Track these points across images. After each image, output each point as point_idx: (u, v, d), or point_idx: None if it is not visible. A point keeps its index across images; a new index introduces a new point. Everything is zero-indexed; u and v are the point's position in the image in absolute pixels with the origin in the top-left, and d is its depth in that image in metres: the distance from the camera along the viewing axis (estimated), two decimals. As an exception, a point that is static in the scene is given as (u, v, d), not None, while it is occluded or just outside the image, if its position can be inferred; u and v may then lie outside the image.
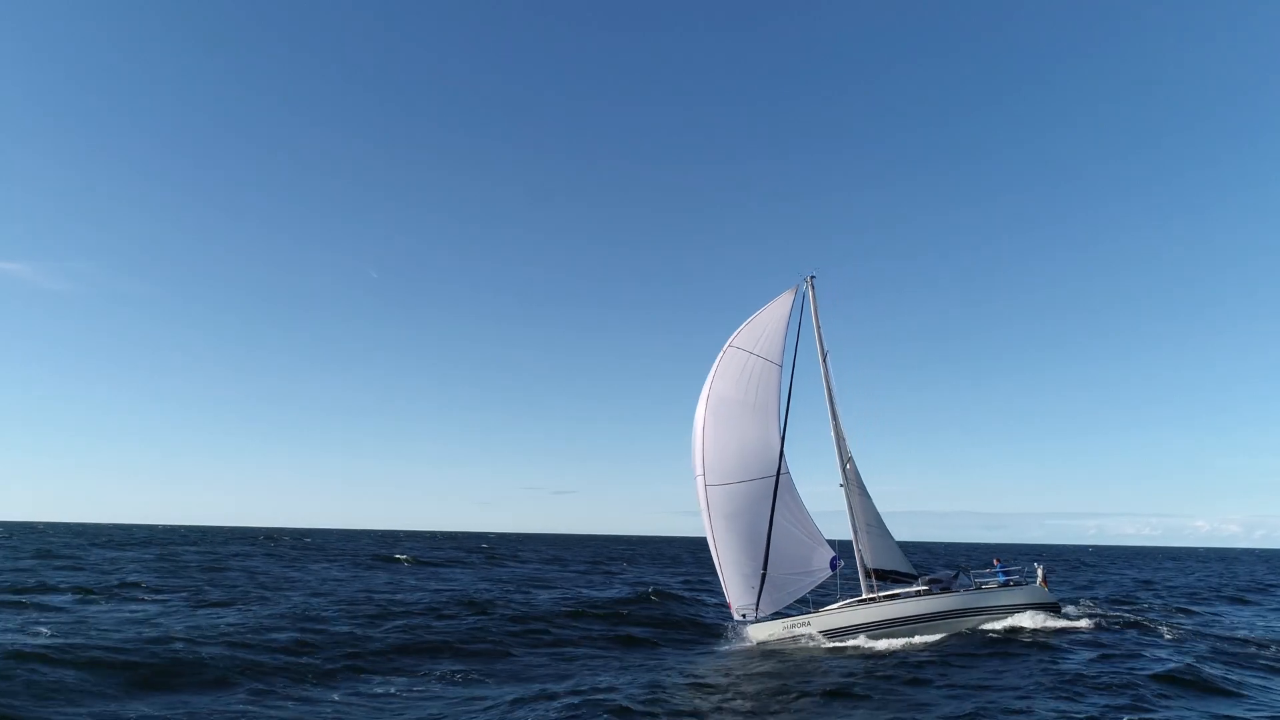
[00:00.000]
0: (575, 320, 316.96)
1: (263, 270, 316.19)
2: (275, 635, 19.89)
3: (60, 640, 17.36)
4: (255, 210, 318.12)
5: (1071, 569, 65.58)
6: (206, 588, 33.38)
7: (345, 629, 21.80)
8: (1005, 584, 23.61)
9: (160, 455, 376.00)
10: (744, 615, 23.22)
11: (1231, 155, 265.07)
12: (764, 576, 22.87)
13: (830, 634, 22.49)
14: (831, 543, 24.32)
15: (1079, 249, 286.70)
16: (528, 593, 35.22)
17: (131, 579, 35.92)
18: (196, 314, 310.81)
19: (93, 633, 19.26)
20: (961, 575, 24.09)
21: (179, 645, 17.46)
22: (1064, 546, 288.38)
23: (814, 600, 23.83)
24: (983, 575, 24.27)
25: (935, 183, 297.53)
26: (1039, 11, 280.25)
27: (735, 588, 23.39)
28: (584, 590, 37.66)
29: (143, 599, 28.91)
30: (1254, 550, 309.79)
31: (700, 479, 23.66)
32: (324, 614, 24.74)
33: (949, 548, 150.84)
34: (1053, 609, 23.04)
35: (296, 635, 20.10)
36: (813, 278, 26.40)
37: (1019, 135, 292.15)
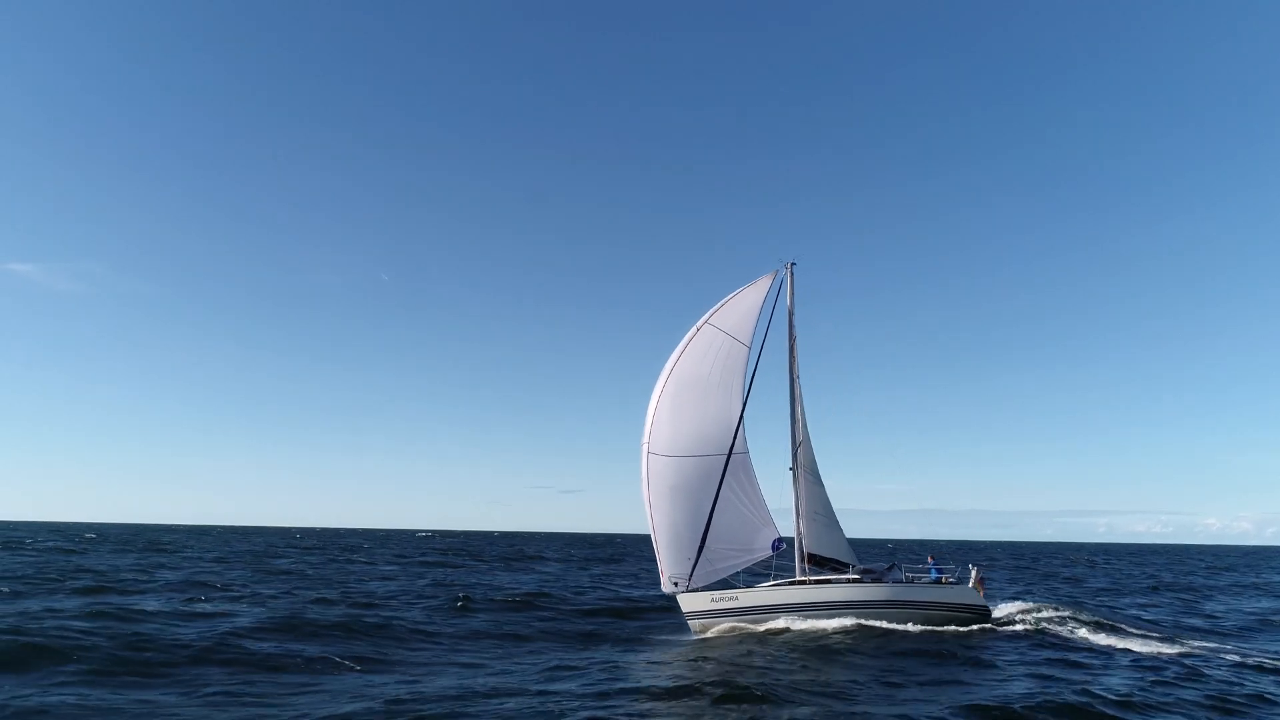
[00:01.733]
0: (581, 320, 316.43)
1: (271, 272, 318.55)
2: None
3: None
4: (262, 212, 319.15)
5: (1065, 565, 65.48)
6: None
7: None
8: (936, 581, 24.34)
9: (166, 455, 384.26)
10: (675, 584, 24.15)
11: (1245, 148, 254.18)
12: (701, 548, 23.74)
13: (756, 610, 23.42)
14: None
15: (1089, 245, 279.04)
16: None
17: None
18: (204, 315, 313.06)
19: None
20: (895, 569, 24.86)
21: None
22: (1074, 544, 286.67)
23: (746, 581, 24.68)
24: (916, 570, 25.02)
25: (939, 180, 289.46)
26: (1040, 10, 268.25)
27: (669, 557, 24.21)
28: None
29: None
30: (1265, 548, 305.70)
31: (644, 447, 24.37)
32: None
33: (959, 546, 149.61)
34: (980, 612, 23.72)
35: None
36: (793, 265, 26.73)
37: (1032, 131, 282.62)
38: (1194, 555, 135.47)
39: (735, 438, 24.26)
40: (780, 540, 24.81)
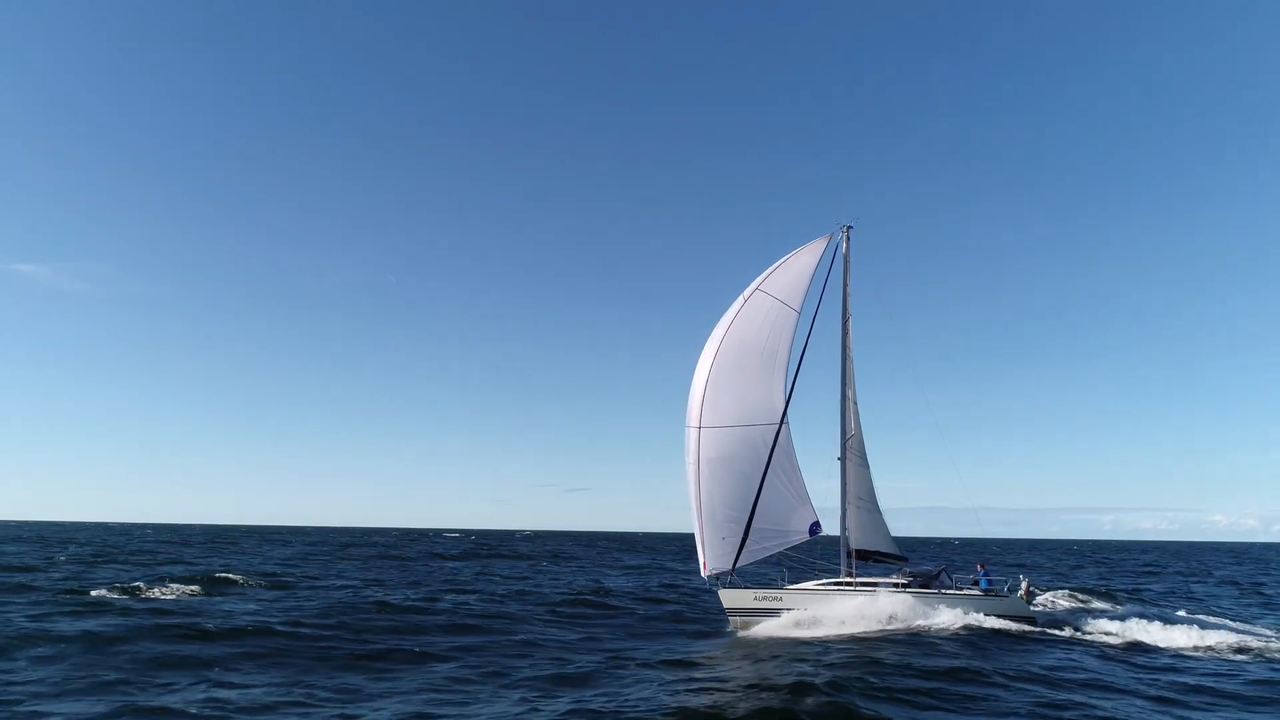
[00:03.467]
0: (586, 319, 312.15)
1: (277, 273, 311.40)
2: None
3: None
4: (268, 213, 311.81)
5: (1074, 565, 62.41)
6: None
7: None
8: (987, 591, 22.08)
9: (173, 454, 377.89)
10: (716, 578, 21.94)
11: (1252, 146, 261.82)
12: (749, 527, 21.47)
13: (807, 615, 21.13)
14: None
15: (1097, 241, 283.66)
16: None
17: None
18: (211, 316, 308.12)
19: None
20: (944, 575, 22.57)
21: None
22: (1080, 541, 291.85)
23: (790, 576, 22.43)
24: (965, 581, 22.78)
25: (943, 176, 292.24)
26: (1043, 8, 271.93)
27: (711, 543, 22.04)
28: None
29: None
30: (1274, 544, 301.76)
31: (694, 430, 22.10)
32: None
33: (966, 544, 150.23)
34: (1030, 623, 21.60)
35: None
36: (849, 228, 24.13)
37: (1035, 129, 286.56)
38: (1201, 550, 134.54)
39: (786, 406, 22.00)
40: (818, 524, 22.70)
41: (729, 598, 22.05)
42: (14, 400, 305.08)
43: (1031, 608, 22.24)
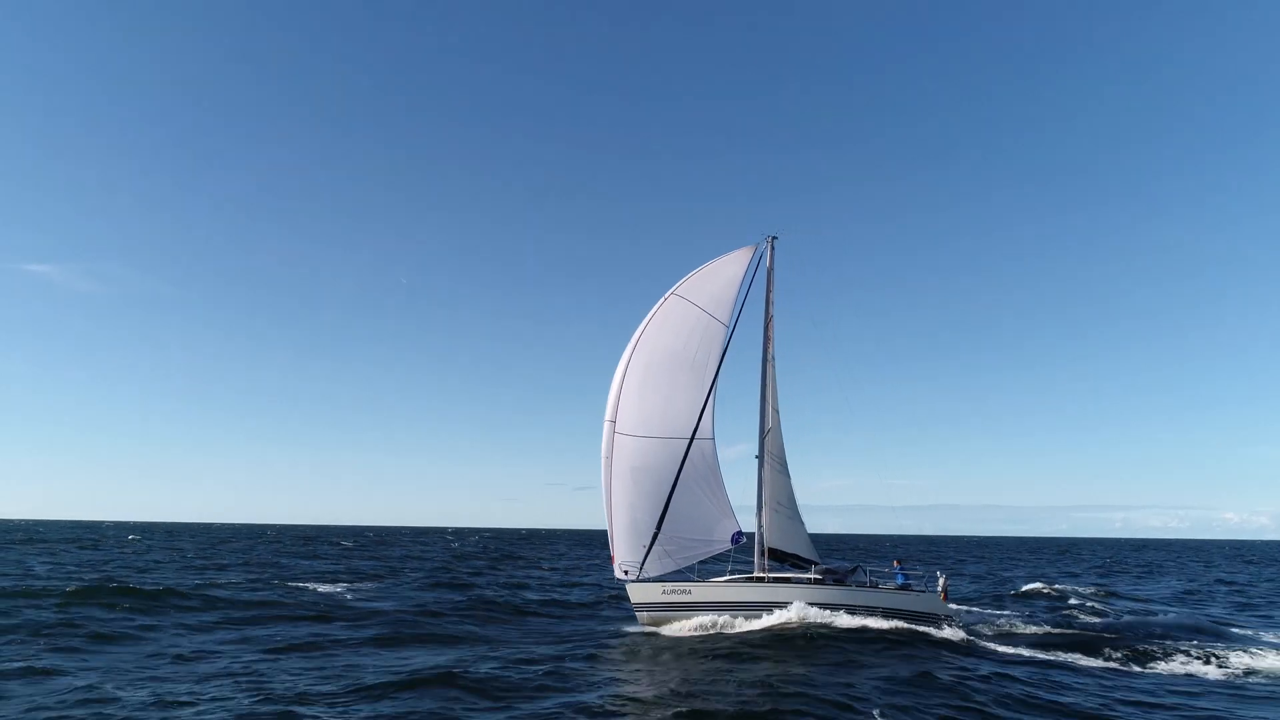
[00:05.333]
0: (592, 317, 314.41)
1: (286, 273, 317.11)
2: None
3: None
4: (280, 213, 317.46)
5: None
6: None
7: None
8: (903, 587, 22.75)
9: (179, 453, 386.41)
10: (626, 572, 22.50)
11: (1263, 141, 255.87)
12: (656, 535, 22.08)
13: (709, 605, 21.78)
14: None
15: (1107, 239, 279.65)
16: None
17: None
18: (221, 316, 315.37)
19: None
20: (858, 570, 23.27)
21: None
22: (1089, 540, 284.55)
23: (701, 575, 23.08)
24: (881, 575, 23.45)
25: (948, 171, 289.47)
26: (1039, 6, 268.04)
27: (624, 543, 22.62)
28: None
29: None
30: None
31: (610, 424, 22.66)
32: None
33: (976, 542, 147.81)
34: (948, 621, 22.20)
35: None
36: (774, 239, 24.95)
37: (1039, 125, 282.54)
38: (1208, 548, 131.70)
39: (700, 421, 22.54)
40: (740, 534, 23.24)
41: (637, 592, 22.52)
42: (17, 399, 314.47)
43: (950, 606, 22.85)
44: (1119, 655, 18.86)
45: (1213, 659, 18.44)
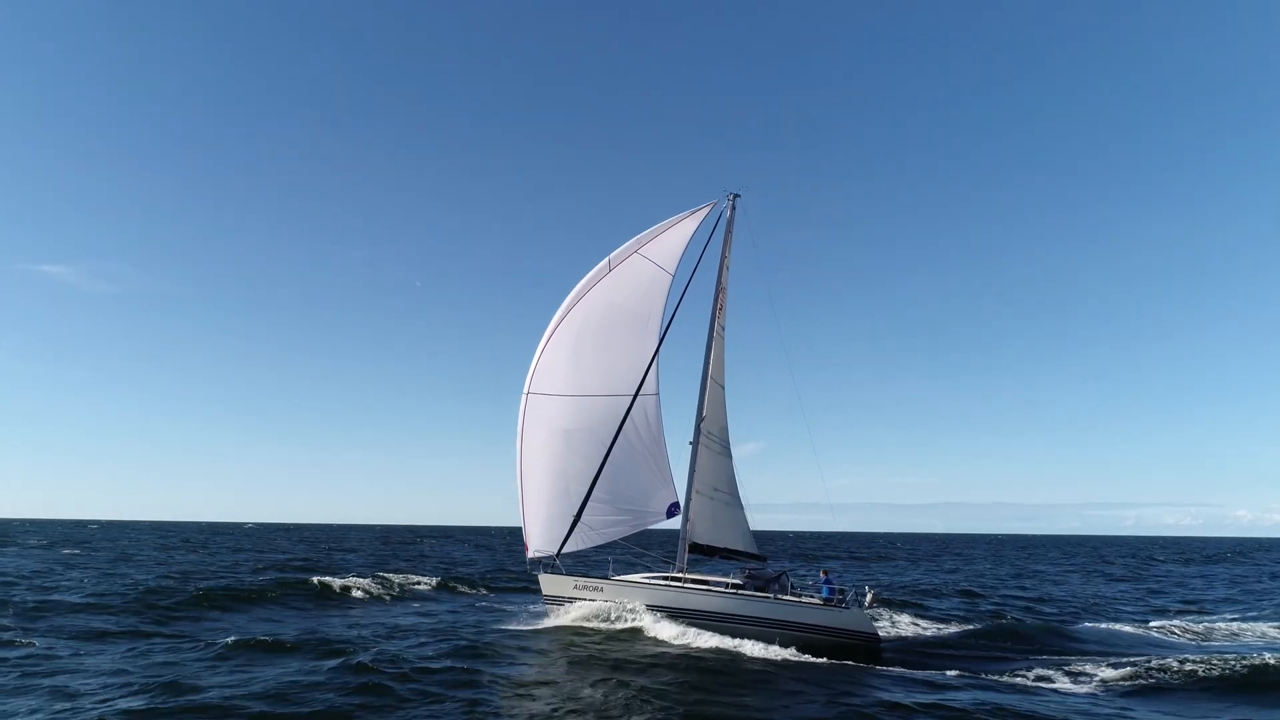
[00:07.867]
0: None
1: (296, 273, 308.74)
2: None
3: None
4: (289, 214, 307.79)
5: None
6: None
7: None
8: (828, 600, 20.59)
9: (182, 453, 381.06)
10: (539, 559, 20.85)
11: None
12: (586, 500, 20.24)
13: (618, 607, 19.72)
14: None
15: (1118, 236, 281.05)
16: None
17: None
18: (229, 316, 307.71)
19: None
20: (783, 577, 21.09)
21: None
22: (1100, 538, 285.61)
23: (617, 569, 21.12)
24: (807, 587, 21.30)
25: (947, 170, 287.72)
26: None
27: (540, 521, 20.76)
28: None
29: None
30: None
31: (532, 395, 20.95)
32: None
33: (986, 539, 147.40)
34: (869, 641, 20.13)
35: None
36: (736, 196, 22.23)
37: (1044, 123, 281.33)
38: (1217, 547, 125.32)
39: (646, 376, 20.39)
40: (676, 505, 21.34)
41: (549, 584, 20.78)
42: (21, 397, 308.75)
43: (875, 622, 20.84)
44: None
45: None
